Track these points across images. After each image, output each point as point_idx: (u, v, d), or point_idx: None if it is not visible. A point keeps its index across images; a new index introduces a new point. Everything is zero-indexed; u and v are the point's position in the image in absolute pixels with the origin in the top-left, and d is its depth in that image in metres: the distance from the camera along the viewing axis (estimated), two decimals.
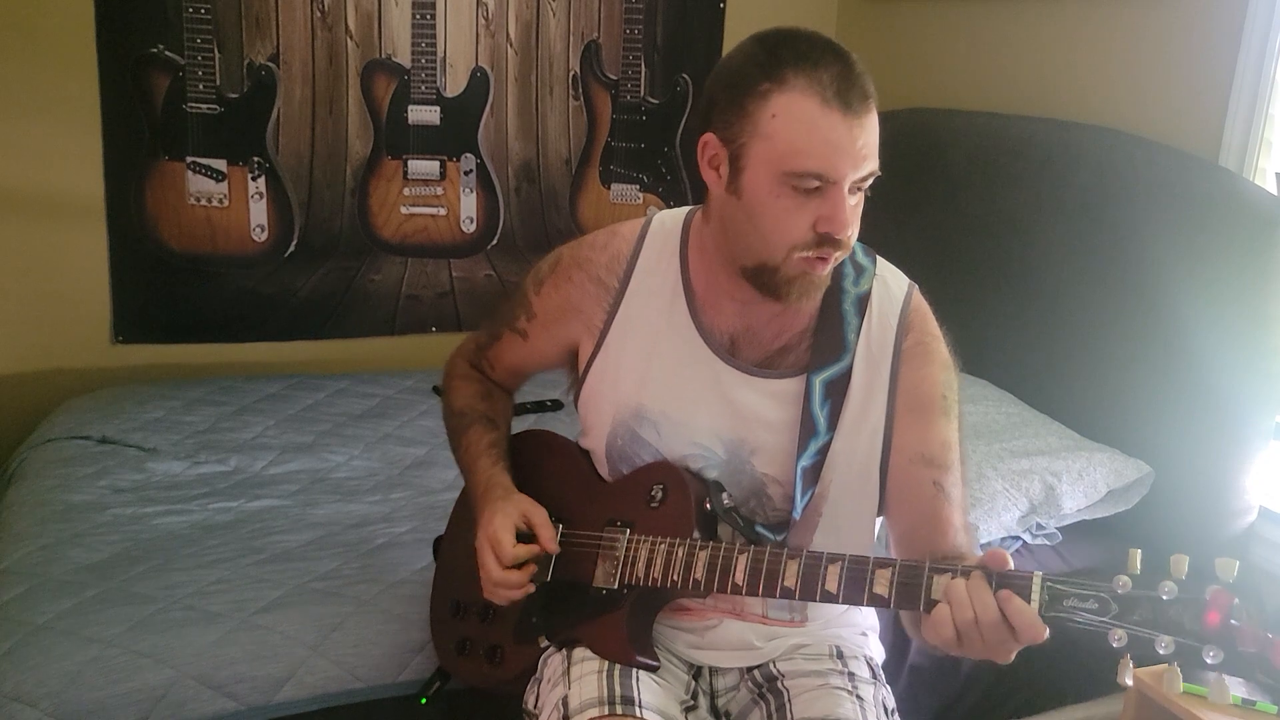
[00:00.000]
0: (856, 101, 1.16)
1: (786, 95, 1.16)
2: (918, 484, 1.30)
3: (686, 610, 1.39)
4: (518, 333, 1.50)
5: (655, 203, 3.22)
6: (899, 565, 1.13)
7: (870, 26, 3.17)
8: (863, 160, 1.17)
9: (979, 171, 2.54)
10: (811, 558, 1.18)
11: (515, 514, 1.36)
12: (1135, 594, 1.01)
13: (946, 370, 1.34)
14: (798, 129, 1.16)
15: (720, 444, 1.35)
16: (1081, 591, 1.02)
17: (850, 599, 1.15)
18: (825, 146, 1.15)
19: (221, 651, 1.59)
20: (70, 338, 2.73)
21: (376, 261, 2.99)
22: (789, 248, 1.21)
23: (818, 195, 1.18)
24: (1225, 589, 0.97)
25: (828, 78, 1.15)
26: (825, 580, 1.16)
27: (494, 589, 1.35)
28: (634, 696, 1.26)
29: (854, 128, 1.16)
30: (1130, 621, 1.00)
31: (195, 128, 2.71)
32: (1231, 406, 1.99)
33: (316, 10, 2.76)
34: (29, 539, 1.88)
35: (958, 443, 1.32)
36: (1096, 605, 1.02)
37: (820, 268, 1.23)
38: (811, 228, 1.19)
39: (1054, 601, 1.04)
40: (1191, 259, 2.04)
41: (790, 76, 1.16)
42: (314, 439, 2.41)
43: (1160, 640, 0.98)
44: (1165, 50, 2.24)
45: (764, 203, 1.20)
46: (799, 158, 1.16)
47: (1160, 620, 0.99)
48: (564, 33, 3.02)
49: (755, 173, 1.20)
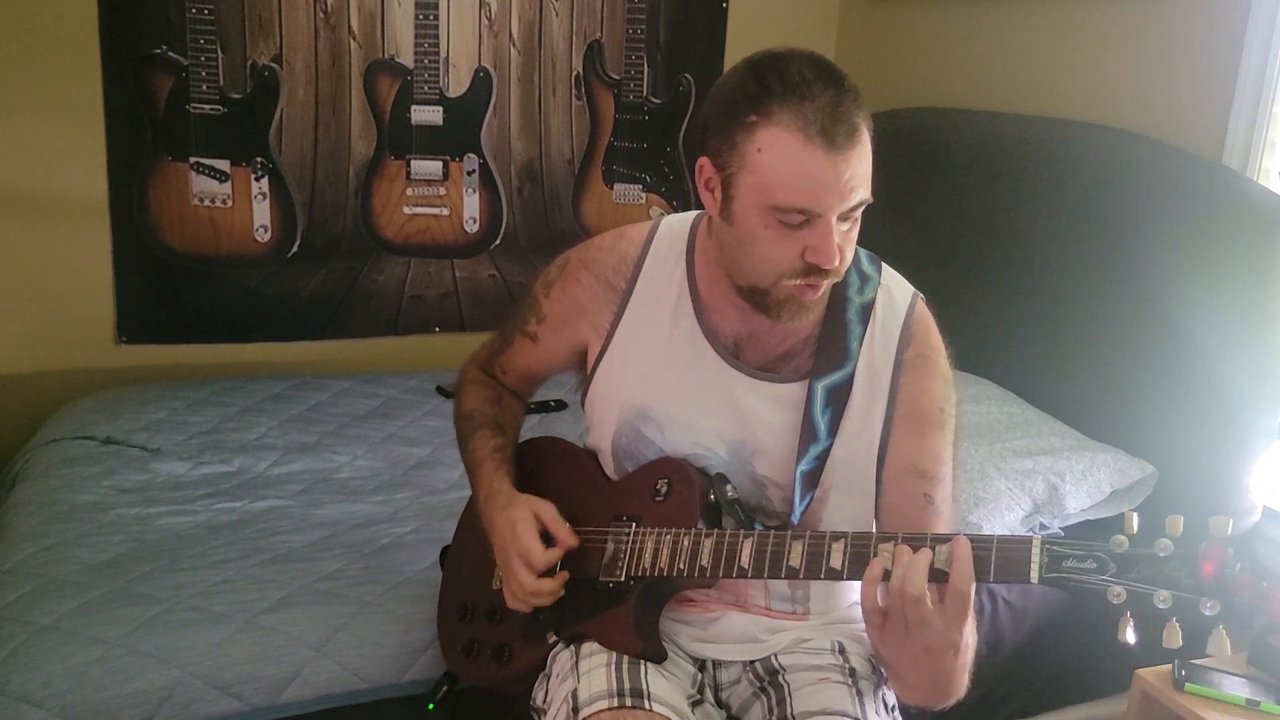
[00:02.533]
0: (842, 137, 1.15)
1: (771, 131, 1.16)
2: (908, 495, 1.31)
3: (690, 603, 1.40)
4: (528, 336, 1.52)
5: (658, 202, 3.22)
6: (901, 538, 1.14)
7: (872, 26, 3.17)
8: (849, 193, 1.17)
9: (981, 171, 2.54)
10: (815, 536, 1.19)
11: (530, 517, 1.37)
12: (1132, 552, 1.03)
13: (945, 384, 1.35)
14: (781, 166, 1.16)
15: (723, 445, 1.37)
16: (1079, 552, 1.05)
17: (855, 574, 1.16)
18: (808, 183, 1.15)
19: (226, 652, 1.59)
20: (74, 338, 2.73)
21: (379, 262, 2.99)
22: (777, 275, 1.22)
23: (806, 227, 1.19)
24: (1219, 540, 1.01)
25: (813, 112, 1.14)
26: (830, 558, 1.17)
27: (529, 598, 1.35)
28: (643, 689, 1.27)
29: (838, 163, 1.15)
30: (1129, 579, 1.02)
31: (198, 128, 2.72)
32: (1235, 406, 1.99)
33: (319, 11, 2.77)
34: (34, 539, 1.88)
35: (951, 458, 1.33)
36: (1095, 565, 1.04)
37: (810, 293, 1.24)
38: (800, 257, 1.20)
39: (1054, 563, 1.05)
40: (1195, 259, 2.04)
41: (776, 110, 1.15)
42: (317, 439, 2.41)
43: (1158, 594, 1.01)
44: (1168, 49, 2.24)
45: (753, 231, 1.21)
46: (783, 193, 1.16)
47: (1157, 575, 1.02)
48: (567, 32, 3.03)
49: (744, 203, 1.21)
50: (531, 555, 1.33)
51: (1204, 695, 1.68)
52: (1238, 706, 1.66)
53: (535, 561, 1.33)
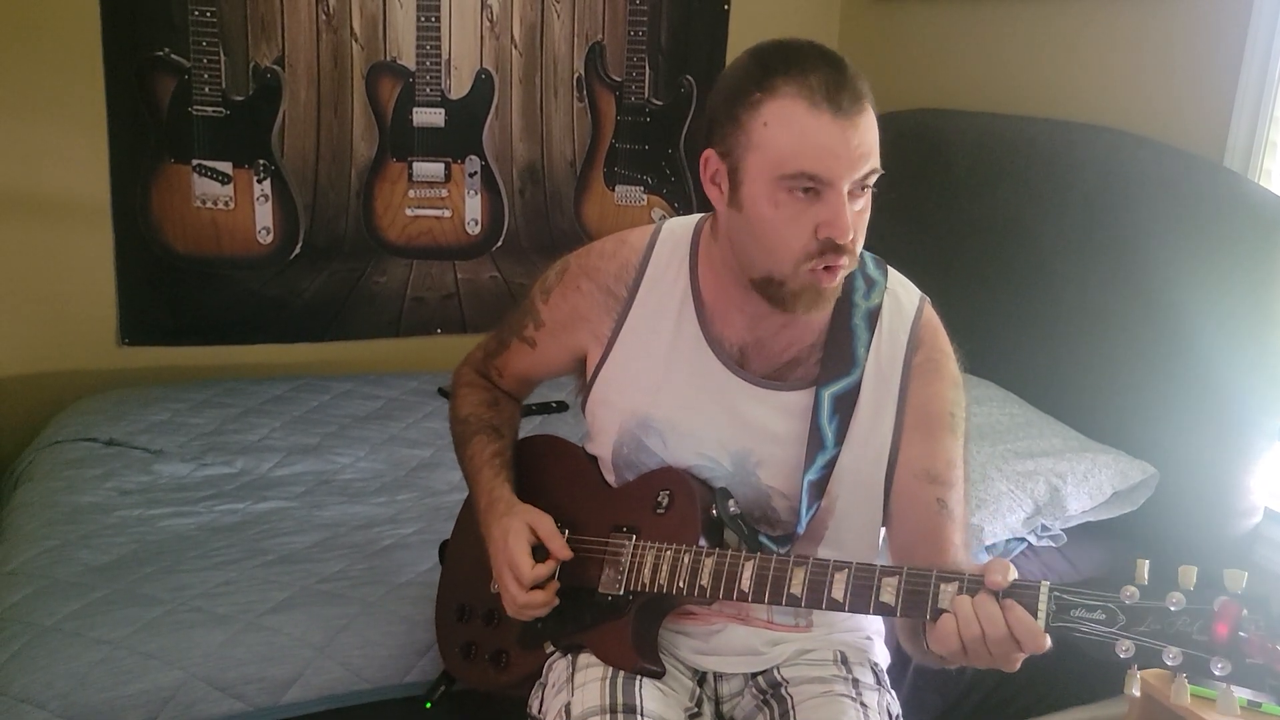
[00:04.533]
0: (847, 102, 1.15)
1: (776, 102, 1.16)
2: (921, 500, 1.29)
3: (691, 615, 1.39)
4: (526, 341, 1.50)
5: (659, 204, 3.22)
6: (906, 573, 1.12)
7: (873, 27, 3.18)
8: (859, 160, 1.16)
9: (983, 172, 2.54)
10: (818, 565, 1.17)
11: (524, 529, 1.35)
12: (1143, 605, 1.00)
13: (955, 388, 1.33)
14: (788, 133, 1.15)
15: (726, 455, 1.35)
16: (1089, 602, 1.02)
17: (856, 608, 1.14)
18: (817, 148, 1.15)
19: (229, 653, 1.60)
20: (76, 340, 2.74)
21: (381, 263, 2.99)
22: (794, 260, 1.20)
23: (817, 200, 1.17)
24: (1234, 600, 0.97)
25: (816, 81, 1.15)
26: (831, 588, 1.15)
27: (520, 611, 1.35)
28: (636, 704, 1.26)
29: (846, 128, 1.15)
30: (1138, 632, 0.99)
31: (201, 130, 2.72)
32: (1237, 408, 1.99)
33: (321, 13, 2.77)
34: (36, 541, 1.89)
35: (963, 461, 1.31)
36: (1104, 616, 1.01)
37: (828, 279, 1.21)
38: (813, 234, 1.18)
39: (1061, 611, 1.03)
40: (1196, 260, 2.04)
41: (780, 84, 1.16)
42: (320, 441, 2.41)
43: (1168, 652, 0.98)
44: (1170, 50, 2.24)
45: (764, 213, 1.19)
46: (791, 160, 1.15)
47: (1168, 631, 0.98)
48: (568, 34, 3.03)
49: (753, 184, 1.19)
50: (520, 569, 1.32)
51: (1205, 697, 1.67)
52: (1239, 707, 1.65)
53: (523, 575, 1.32)
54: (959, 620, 1.07)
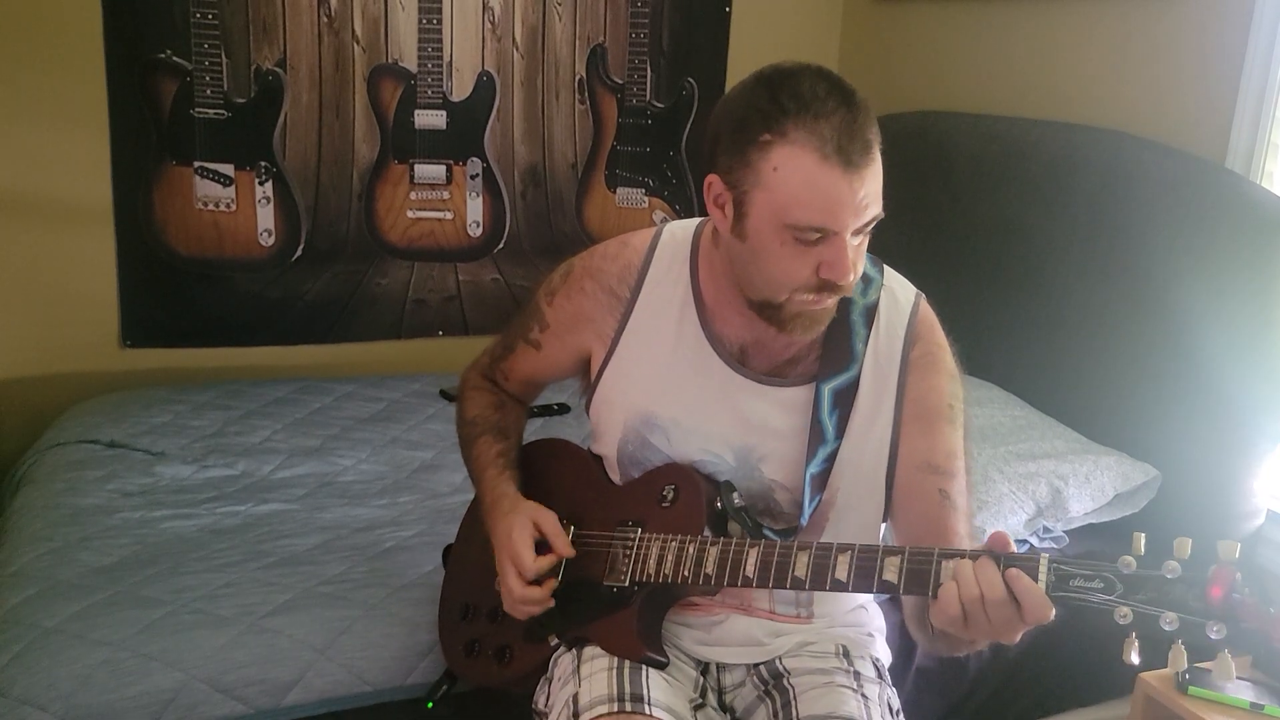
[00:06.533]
0: (857, 155, 1.16)
1: (787, 149, 1.16)
2: (924, 492, 1.31)
3: (694, 606, 1.41)
4: (531, 344, 1.52)
5: (661, 207, 3.23)
6: (908, 551, 1.14)
7: (875, 29, 3.18)
8: (864, 210, 1.18)
9: (984, 174, 2.54)
10: (821, 548, 1.19)
11: (528, 525, 1.38)
12: (1140, 573, 1.03)
13: (953, 380, 1.35)
14: (798, 184, 1.16)
15: (730, 451, 1.37)
16: (1087, 571, 1.04)
17: (860, 586, 1.16)
18: (825, 201, 1.16)
19: (230, 655, 1.60)
20: (78, 342, 2.74)
21: (383, 265, 3.00)
22: (792, 290, 1.23)
23: (821, 242, 1.19)
24: (1228, 566, 1.00)
25: (828, 130, 1.15)
26: (835, 569, 1.17)
27: (517, 606, 1.37)
28: (643, 694, 1.27)
29: (854, 181, 1.16)
30: (1135, 599, 1.02)
31: (203, 133, 2.72)
32: (1239, 410, 1.99)
33: (323, 15, 2.77)
34: (38, 542, 1.89)
35: (963, 451, 1.33)
36: (1102, 585, 1.03)
37: (822, 302, 1.25)
38: (814, 272, 1.21)
39: (1060, 582, 1.05)
40: (1198, 262, 2.04)
41: (791, 129, 1.16)
42: (321, 443, 2.41)
43: (1165, 616, 1.00)
44: (1172, 53, 2.24)
45: (768, 248, 1.21)
46: (800, 211, 1.17)
47: (1165, 598, 1.01)
48: (570, 37, 3.03)
49: (759, 220, 1.21)
50: (522, 562, 1.35)
51: (1208, 699, 1.67)
52: (1242, 710, 1.65)
53: (525, 569, 1.35)
54: (959, 583, 1.08)
